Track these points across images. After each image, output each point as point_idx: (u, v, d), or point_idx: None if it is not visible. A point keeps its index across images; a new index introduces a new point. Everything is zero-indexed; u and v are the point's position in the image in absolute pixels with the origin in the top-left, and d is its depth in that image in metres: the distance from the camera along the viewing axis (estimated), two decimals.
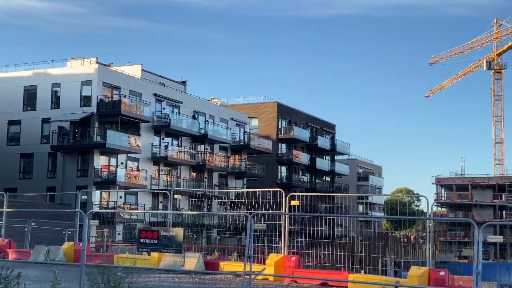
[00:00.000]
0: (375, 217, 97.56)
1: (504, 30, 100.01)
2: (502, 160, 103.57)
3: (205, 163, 60.77)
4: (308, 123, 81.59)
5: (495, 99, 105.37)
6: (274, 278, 20.83)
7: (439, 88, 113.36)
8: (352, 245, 31.66)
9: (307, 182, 79.72)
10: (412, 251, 41.83)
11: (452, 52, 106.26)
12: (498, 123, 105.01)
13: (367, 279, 19.01)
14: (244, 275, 15.63)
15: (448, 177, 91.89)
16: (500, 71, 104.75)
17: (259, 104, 77.02)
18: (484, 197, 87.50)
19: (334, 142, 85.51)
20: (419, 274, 17.54)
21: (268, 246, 28.05)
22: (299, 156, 76.56)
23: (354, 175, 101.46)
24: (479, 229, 12.36)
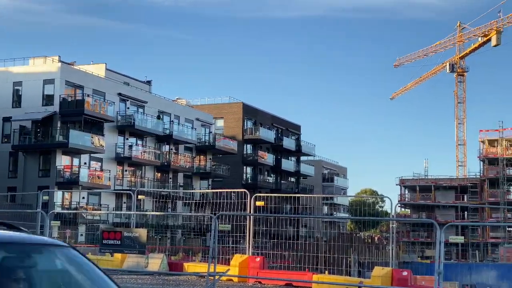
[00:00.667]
0: (339, 218, 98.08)
1: (467, 33, 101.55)
2: (464, 161, 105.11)
3: (170, 164, 60.42)
4: (274, 124, 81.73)
5: (458, 102, 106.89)
6: (238, 279, 20.79)
7: (404, 90, 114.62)
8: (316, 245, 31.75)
9: (272, 183, 79.81)
10: (376, 251, 42.14)
11: (416, 55, 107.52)
12: (460, 125, 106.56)
13: (331, 280, 19.09)
14: (208, 276, 15.53)
15: (412, 178, 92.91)
16: (463, 74, 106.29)
17: (225, 104, 76.90)
18: (446, 198, 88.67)
19: (299, 143, 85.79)
20: (382, 274, 17.66)
21: (233, 247, 27.99)
22: (265, 157, 76.62)
23: (319, 176, 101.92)
24: (441, 229, 12.46)
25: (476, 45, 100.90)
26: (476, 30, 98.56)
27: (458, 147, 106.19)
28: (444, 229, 12.72)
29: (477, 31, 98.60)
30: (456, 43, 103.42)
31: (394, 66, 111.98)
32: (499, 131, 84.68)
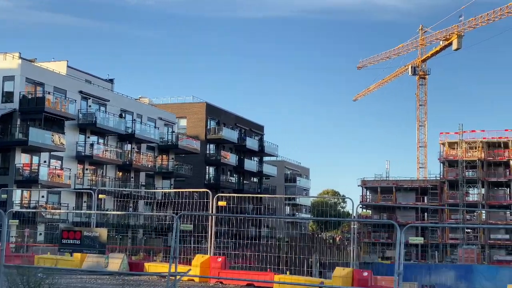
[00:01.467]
0: (301, 218, 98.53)
1: (429, 37, 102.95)
2: (425, 163, 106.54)
3: (132, 163, 59.89)
4: (237, 124, 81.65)
5: (419, 104, 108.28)
6: (199, 279, 20.72)
7: (366, 91, 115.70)
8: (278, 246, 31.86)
9: (235, 183, 79.74)
10: (337, 252, 42.39)
11: (379, 57, 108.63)
12: (422, 127, 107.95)
13: (292, 280, 19.12)
14: (169, 276, 15.40)
15: (374, 180, 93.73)
16: (425, 76, 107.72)
17: (188, 104, 76.54)
18: (407, 199, 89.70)
19: (262, 143, 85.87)
20: (343, 275, 17.74)
21: (195, 247, 27.91)
22: (227, 157, 76.49)
23: (282, 177, 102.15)
24: (401, 230, 12.54)
25: (438, 49, 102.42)
26: (438, 33, 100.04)
27: (419, 149, 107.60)
28: (404, 230, 12.80)
29: (438, 35, 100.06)
30: (418, 46, 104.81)
31: (358, 68, 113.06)
32: (459, 133, 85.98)
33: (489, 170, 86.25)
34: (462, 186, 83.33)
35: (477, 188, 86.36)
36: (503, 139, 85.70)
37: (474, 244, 79.76)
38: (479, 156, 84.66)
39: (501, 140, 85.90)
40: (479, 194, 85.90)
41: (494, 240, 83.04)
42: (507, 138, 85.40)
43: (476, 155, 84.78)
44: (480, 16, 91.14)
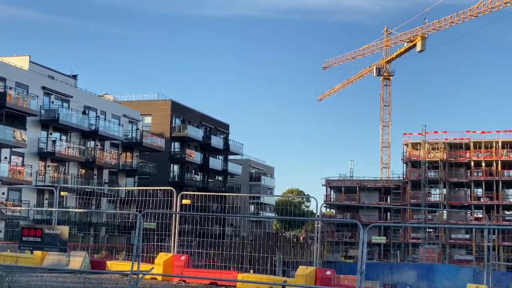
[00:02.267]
0: (266, 217, 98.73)
1: (394, 38, 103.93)
2: (389, 164, 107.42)
3: (95, 160, 59.29)
4: (202, 122, 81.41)
5: (383, 105, 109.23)
6: (162, 278, 20.58)
7: (331, 92, 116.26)
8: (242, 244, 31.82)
9: (200, 181, 79.51)
10: (301, 251, 42.58)
11: (344, 58, 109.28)
12: (386, 128, 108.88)
13: (255, 279, 19.10)
14: (131, 275, 15.25)
15: (338, 179, 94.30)
16: (389, 77, 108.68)
17: (153, 101, 76.05)
18: (370, 199, 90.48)
19: (227, 142, 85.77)
20: (306, 274, 17.77)
21: (158, 245, 27.73)
22: (192, 155, 76.23)
23: (247, 175, 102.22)
24: (364, 230, 12.60)
25: (402, 50, 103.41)
26: (402, 35, 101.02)
27: (383, 149, 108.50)
28: (367, 230, 12.87)
29: (403, 36, 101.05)
30: (383, 48, 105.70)
31: (323, 68, 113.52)
32: (422, 134, 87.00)
33: (451, 170, 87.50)
34: (424, 187, 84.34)
35: (439, 189, 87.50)
36: (464, 140, 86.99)
37: (435, 244, 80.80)
38: (441, 157, 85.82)
39: (462, 142, 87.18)
40: (440, 195, 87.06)
41: (455, 239, 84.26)
42: (468, 139, 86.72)
43: (438, 156, 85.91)
44: (444, 18, 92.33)
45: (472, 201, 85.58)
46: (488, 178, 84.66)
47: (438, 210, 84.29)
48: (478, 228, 66.70)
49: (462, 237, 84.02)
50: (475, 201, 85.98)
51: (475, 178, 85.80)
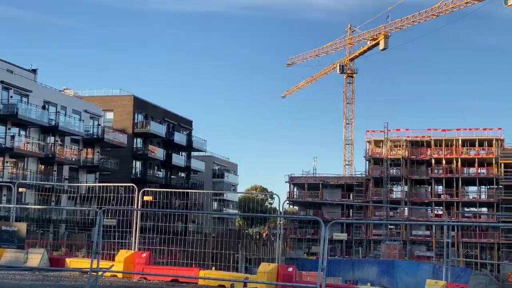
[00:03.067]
0: (229, 214, 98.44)
1: (357, 36, 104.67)
2: (351, 161, 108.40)
3: (55, 156, 58.39)
4: (165, 119, 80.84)
5: (347, 102, 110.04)
6: (123, 275, 20.32)
7: (295, 89, 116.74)
8: (205, 241, 31.66)
9: (162, 177, 79.01)
10: (264, 247, 42.62)
11: (308, 55, 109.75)
12: (349, 125, 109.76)
13: (217, 275, 18.98)
14: (90, 272, 14.98)
15: (301, 176, 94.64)
16: (352, 75, 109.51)
17: (115, 97, 75.22)
18: (333, 196, 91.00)
19: (190, 138, 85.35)
20: (268, 270, 17.69)
21: (119, 242, 27.39)
22: (155, 152, 75.66)
23: (210, 172, 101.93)
24: (326, 227, 12.56)
25: (365, 48, 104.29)
26: (366, 33, 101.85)
27: (346, 146, 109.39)
28: (329, 226, 12.84)
29: (366, 35, 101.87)
30: (346, 45, 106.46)
31: (287, 65, 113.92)
32: (384, 132, 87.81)
33: (412, 168, 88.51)
34: (386, 184, 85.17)
35: (400, 186, 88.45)
36: (426, 138, 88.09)
37: (396, 240, 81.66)
38: (403, 155, 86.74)
39: (424, 139, 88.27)
40: (402, 192, 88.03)
41: (416, 236, 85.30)
42: (429, 137, 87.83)
43: (400, 154, 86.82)
44: (406, 17, 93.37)
45: (433, 198, 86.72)
46: (448, 175, 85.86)
47: (399, 207, 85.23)
48: (438, 225, 67.52)
49: (423, 233, 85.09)
50: (436, 198, 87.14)
51: (435, 176, 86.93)
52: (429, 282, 16.70)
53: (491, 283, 65.34)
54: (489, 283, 64.63)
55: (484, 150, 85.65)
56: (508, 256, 78.97)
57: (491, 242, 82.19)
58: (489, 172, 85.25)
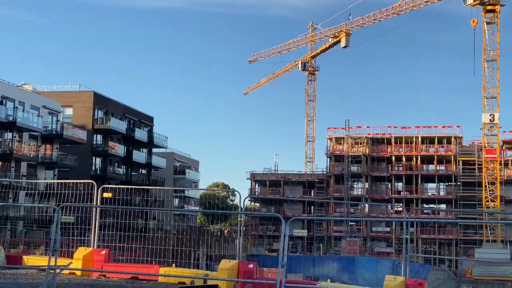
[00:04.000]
0: (190, 211, 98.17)
1: (319, 34, 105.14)
2: (313, 158, 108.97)
3: (13, 152, 57.36)
4: (126, 115, 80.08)
5: (308, 99, 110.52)
6: (81, 273, 20.07)
7: (257, 86, 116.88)
8: (166, 238, 31.51)
9: (123, 174, 78.30)
10: (225, 244, 42.57)
11: (270, 52, 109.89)
12: (310, 122, 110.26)
13: (177, 273, 18.89)
14: (48, 270, 14.71)
15: (262, 173, 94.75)
16: (314, 72, 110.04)
17: (74, 92, 74.24)
18: (295, 193, 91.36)
19: (151, 134, 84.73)
20: (228, 267, 17.64)
21: (78, 239, 27.10)
22: (115, 148, 74.93)
23: (171, 169, 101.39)
24: (286, 223, 12.54)
25: (327, 46, 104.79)
26: (327, 31, 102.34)
27: (307, 143, 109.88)
28: (289, 223, 12.82)
29: (328, 32, 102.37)
30: (308, 43, 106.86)
31: (249, 62, 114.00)
32: (345, 129, 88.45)
33: (373, 165, 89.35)
34: (347, 181, 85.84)
35: (361, 182, 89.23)
36: (386, 135, 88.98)
37: (357, 237, 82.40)
38: (364, 152, 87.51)
39: (384, 137, 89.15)
40: (363, 188, 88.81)
41: (376, 232, 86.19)
42: (390, 134, 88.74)
43: (361, 151, 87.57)
44: (368, 15, 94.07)
45: (393, 195, 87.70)
46: (408, 172, 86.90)
47: (360, 203, 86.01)
48: (397, 221, 68.31)
49: (383, 230, 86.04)
50: (396, 194, 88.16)
51: (395, 172, 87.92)
52: (388, 277, 16.81)
53: (449, 279, 66.46)
54: (447, 279, 65.73)
55: (443, 148, 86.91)
56: (466, 252, 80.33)
57: (449, 238, 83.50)
58: (447, 169, 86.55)
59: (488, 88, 77.08)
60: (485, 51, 77.20)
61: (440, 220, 76.45)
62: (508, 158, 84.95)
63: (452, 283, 65.22)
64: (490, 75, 77.15)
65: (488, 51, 77.26)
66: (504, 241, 79.08)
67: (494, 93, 76.88)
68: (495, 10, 76.77)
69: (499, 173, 78.29)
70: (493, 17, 77.11)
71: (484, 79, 77.08)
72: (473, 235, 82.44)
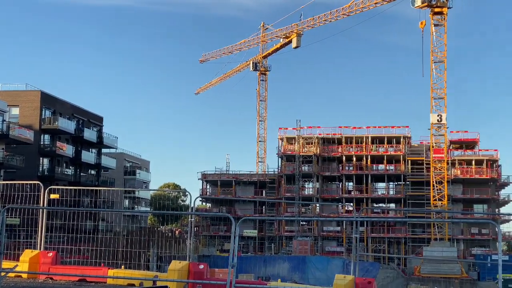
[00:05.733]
0: (140, 212, 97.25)
1: (270, 34, 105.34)
2: (264, 158, 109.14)
3: None
4: (74, 114, 78.79)
5: (260, 99, 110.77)
6: (28, 275, 19.65)
7: (208, 85, 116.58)
8: (116, 240, 31.14)
9: (71, 175, 77.03)
10: (176, 245, 42.25)
11: (222, 52, 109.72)
12: (262, 122, 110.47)
13: (126, 274, 18.66)
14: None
15: (214, 173, 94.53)
16: (265, 73, 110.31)
17: (21, 92, 72.62)
18: (246, 193, 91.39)
19: (101, 135, 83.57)
20: (178, 268, 17.50)
21: (25, 241, 26.53)
22: (64, 148, 73.63)
23: (121, 169, 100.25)
24: (236, 223, 12.47)
25: (278, 46, 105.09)
26: (279, 31, 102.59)
27: (259, 143, 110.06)
28: (241, 223, 12.76)
29: (279, 33, 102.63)
30: (259, 43, 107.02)
31: (200, 62, 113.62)
32: (296, 129, 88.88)
33: (324, 165, 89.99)
34: (299, 180, 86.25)
35: (312, 182, 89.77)
36: (337, 136, 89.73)
37: (308, 236, 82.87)
38: (315, 151, 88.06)
39: (335, 137, 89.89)
40: (314, 188, 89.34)
41: (327, 232, 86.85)
42: (340, 134, 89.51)
43: (312, 151, 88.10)
44: (318, 16, 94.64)
45: (343, 195, 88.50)
46: (358, 172, 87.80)
47: (311, 203, 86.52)
48: (347, 221, 68.95)
49: (334, 229, 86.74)
50: (346, 194, 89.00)
51: (346, 172, 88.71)
52: (337, 277, 16.89)
53: (398, 277, 67.45)
54: (396, 277, 66.70)
55: (392, 147, 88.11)
56: (415, 250, 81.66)
57: (398, 236, 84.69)
58: (397, 169, 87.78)
59: (436, 89, 78.47)
60: (433, 53, 78.58)
61: (389, 219, 77.54)
62: (455, 158, 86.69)
63: (401, 281, 66.21)
64: (438, 76, 78.57)
65: (436, 53, 78.66)
66: (451, 239, 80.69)
67: (442, 94, 78.31)
68: (443, 12, 78.21)
69: (447, 173, 79.79)
70: (441, 19, 78.54)
71: (432, 80, 78.49)
72: (422, 233, 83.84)
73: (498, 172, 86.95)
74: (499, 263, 13.34)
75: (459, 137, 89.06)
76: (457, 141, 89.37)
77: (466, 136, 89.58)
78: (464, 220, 73.59)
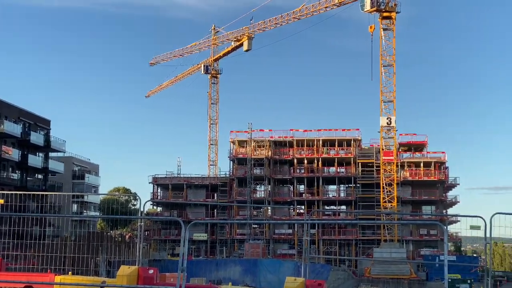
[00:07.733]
0: (89, 216, 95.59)
1: (221, 37, 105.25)
2: (216, 161, 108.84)
3: None
4: (21, 118, 77.06)
5: (211, 102, 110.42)
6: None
7: (159, 88, 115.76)
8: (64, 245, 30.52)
9: (18, 179, 75.30)
10: (127, 250, 41.60)
11: (172, 54, 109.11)
12: (213, 125, 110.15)
13: (73, 280, 18.23)
14: None
15: (165, 177, 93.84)
16: (217, 76, 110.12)
17: None
18: (198, 196, 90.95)
19: (48, 138, 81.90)
20: (127, 273, 17.16)
21: None
22: (9, 152, 71.93)
23: (70, 173, 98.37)
24: (186, 227, 12.26)
25: (229, 49, 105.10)
26: (230, 34, 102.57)
27: (211, 146, 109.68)
28: (192, 227, 12.55)
29: (230, 36, 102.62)
30: (211, 46, 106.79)
31: (150, 64, 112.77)
32: (248, 132, 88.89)
33: (275, 168, 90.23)
34: (250, 183, 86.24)
35: (264, 185, 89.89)
36: (288, 139, 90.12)
37: (259, 239, 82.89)
38: (266, 155, 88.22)
39: (286, 140, 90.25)
40: (265, 191, 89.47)
41: (278, 234, 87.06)
42: (292, 137, 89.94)
43: (264, 154, 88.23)
44: (269, 19, 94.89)
45: (295, 197, 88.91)
46: (309, 174, 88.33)
47: (263, 206, 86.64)
48: (299, 223, 69.15)
49: (285, 232, 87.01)
50: (298, 197, 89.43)
51: (297, 175, 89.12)
52: (288, 279, 16.82)
53: (349, 278, 67.97)
54: (347, 278, 67.19)
55: (343, 150, 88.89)
56: (365, 251, 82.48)
57: (349, 238, 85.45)
58: (347, 171, 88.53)
59: (385, 92, 79.53)
60: (382, 56, 79.64)
61: (339, 221, 78.08)
62: (404, 160, 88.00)
63: (351, 282, 66.73)
64: (387, 80, 79.66)
65: (385, 56, 79.75)
66: (401, 240, 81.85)
67: (391, 97, 79.38)
68: (391, 17, 79.39)
69: (396, 175, 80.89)
70: (389, 23, 79.70)
71: (381, 84, 79.53)
72: (372, 235, 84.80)
73: (445, 174, 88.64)
74: (445, 263, 13.48)
75: (408, 139, 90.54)
76: (406, 144, 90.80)
77: (415, 138, 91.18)
78: (412, 222, 74.79)
